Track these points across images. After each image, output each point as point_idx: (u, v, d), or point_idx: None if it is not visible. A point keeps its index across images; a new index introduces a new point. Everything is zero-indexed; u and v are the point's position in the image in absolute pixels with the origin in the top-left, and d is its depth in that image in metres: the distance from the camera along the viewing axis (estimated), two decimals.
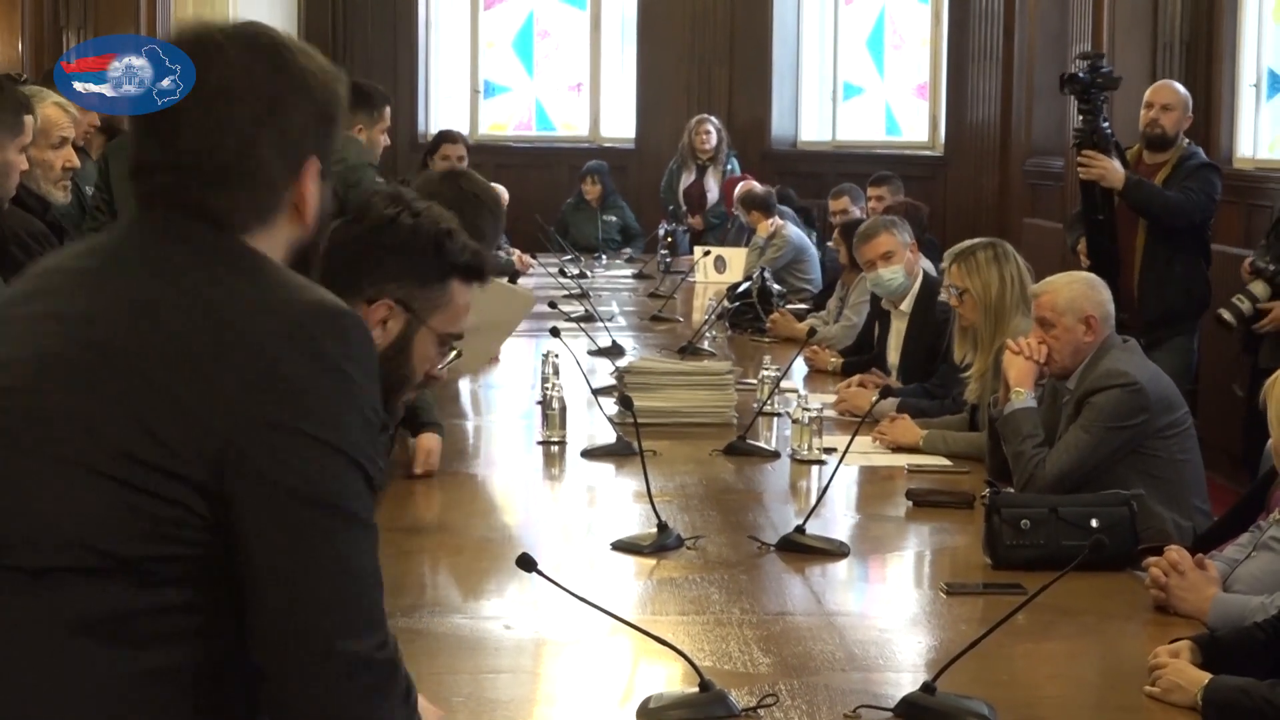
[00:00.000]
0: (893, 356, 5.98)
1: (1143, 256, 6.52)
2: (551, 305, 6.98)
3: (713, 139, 11.44)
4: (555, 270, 9.10)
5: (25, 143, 3.94)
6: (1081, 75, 6.50)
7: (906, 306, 5.96)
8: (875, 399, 4.77)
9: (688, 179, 11.51)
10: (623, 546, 3.63)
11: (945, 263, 5.06)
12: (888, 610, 3.36)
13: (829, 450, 4.52)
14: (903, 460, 4.62)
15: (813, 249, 9.21)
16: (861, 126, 12.72)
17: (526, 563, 2.60)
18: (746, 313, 7.51)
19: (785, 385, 5.46)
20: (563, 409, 4.80)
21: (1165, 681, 2.73)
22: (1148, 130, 6.65)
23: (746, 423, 4.86)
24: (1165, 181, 6.51)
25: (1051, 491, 3.93)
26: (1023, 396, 4.25)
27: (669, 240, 10.41)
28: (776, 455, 4.65)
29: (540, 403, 4.96)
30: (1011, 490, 4.03)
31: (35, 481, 1.63)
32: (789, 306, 7.81)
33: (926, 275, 6.03)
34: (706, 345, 6.68)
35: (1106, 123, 6.46)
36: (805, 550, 3.60)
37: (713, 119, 11.64)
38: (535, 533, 3.95)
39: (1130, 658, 2.94)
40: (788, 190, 10.53)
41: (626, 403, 4.14)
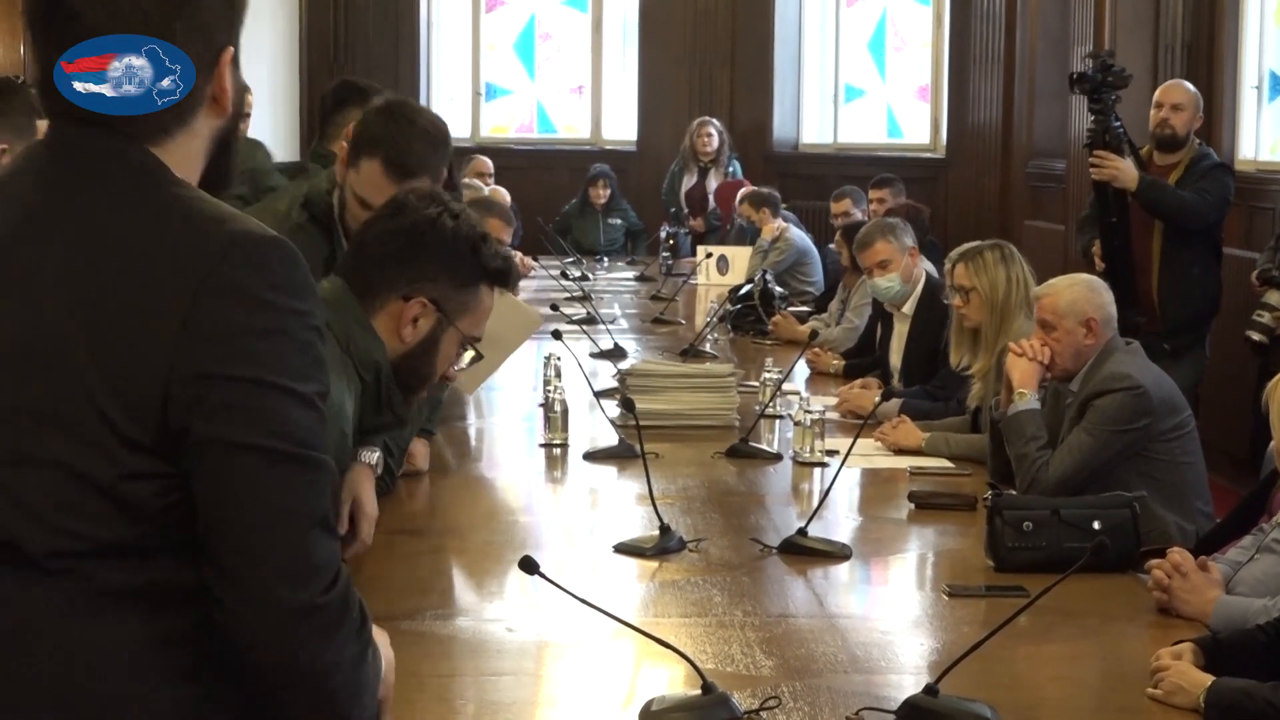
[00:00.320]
0: (895, 359, 5.98)
1: (1160, 259, 6.45)
2: (553, 308, 6.98)
3: (714, 141, 11.45)
4: (557, 273, 9.10)
5: None
6: (1091, 74, 6.39)
7: (909, 309, 5.95)
8: (878, 400, 4.77)
9: (689, 181, 11.51)
10: (625, 549, 3.62)
11: (949, 264, 5.06)
12: (890, 612, 3.36)
13: (831, 452, 4.51)
14: (905, 462, 4.61)
15: (815, 252, 9.22)
16: (863, 129, 12.72)
17: (529, 565, 2.59)
18: (748, 315, 7.50)
19: (787, 388, 5.45)
20: (565, 411, 4.80)
21: (1168, 684, 2.72)
22: (1158, 131, 6.55)
23: (748, 425, 4.86)
24: (1178, 183, 6.42)
25: (1054, 494, 3.93)
26: (1026, 398, 4.24)
27: (670, 243, 10.41)
28: (779, 457, 4.64)
29: (542, 405, 4.95)
30: (1013, 492, 4.03)
31: (14, 485, 1.63)
32: (791, 309, 7.80)
33: (929, 277, 6.02)
34: (708, 347, 6.68)
35: (1119, 122, 6.35)
36: (807, 552, 3.59)
37: (714, 121, 11.64)
38: (537, 535, 3.94)
39: (1132, 660, 2.93)
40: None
41: (628, 405, 4.13)
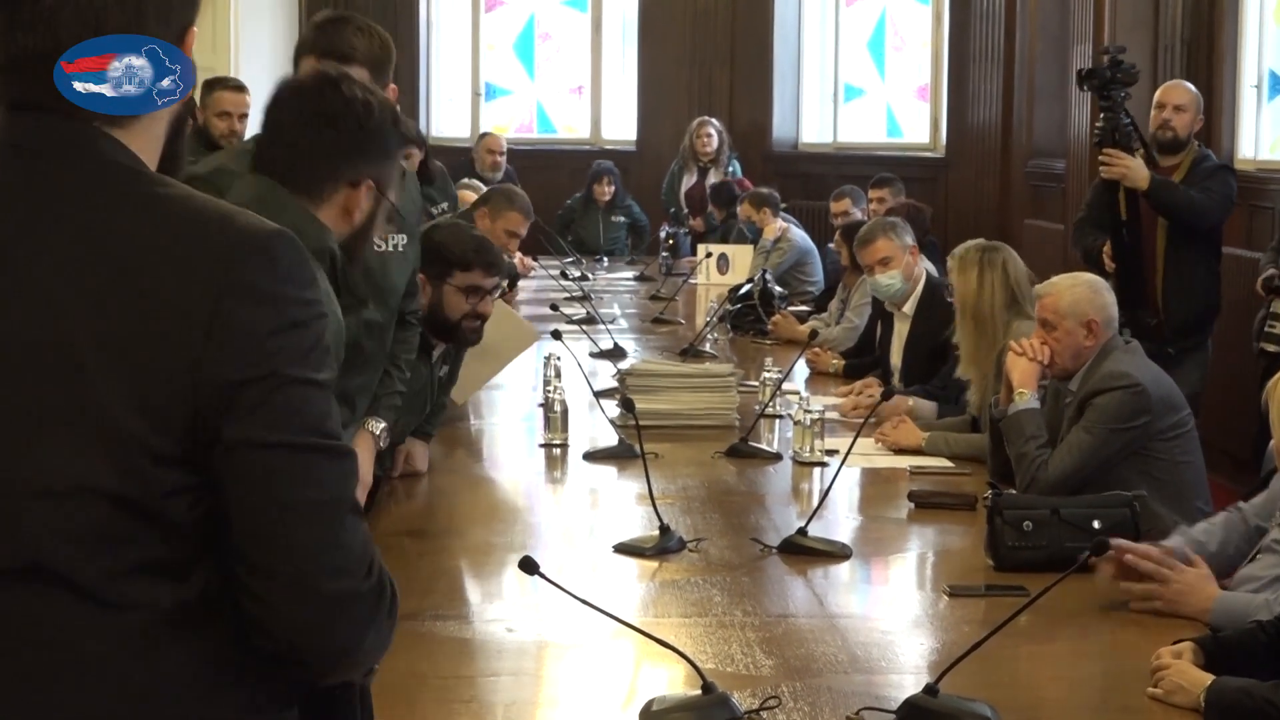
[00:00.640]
0: (895, 358, 5.98)
1: (1165, 260, 6.42)
2: (553, 308, 6.98)
3: (714, 141, 11.45)
4: (557, 273, 9.10)
5: None
6: (1100, 70, 6.29)
7: (909, 308, 5.95)
8: (879, 400, 4.77)
9: (689, 181, 11.51)
10: (625, 549, 3.62)
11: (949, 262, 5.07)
12: (890, 612, 3.36)
13: (831, 452, 4.52)
14: (905, 462, 4.62)
15: (816, 251, 9.22)
16: (862, 128, 12.71)
17: (529, 565, 2.59)
18: (748, 315, 7.50)
19: (787, 387, 5.46)
20: (564, 411, 4.80)
21: (1168, 683, 2.73)
22: (1159, 133, 6.50)
23: (748, 425, 4.86)
24: (1181, 184, 6.38)
25: (1054, 493, 3.93)
26: (1026, 397, 4.24)
27: (670, 242, 10.41)
28: (778, 457, 4.65)
29: (542, 405, 4.96)
30: (1013, 492, 4.03)
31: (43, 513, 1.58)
32: (790, 308, 7.81)
33: (929, 277, 6.02)
34: (708, 347, 6.69)
35: (1129, 119, 6.27)
36: (807, 552, 3.60)
37: (714, 121, 11.64)
38: (537, 535, 3.94)
39: (1132, 659, 2.93)
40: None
41: (628, 405, 4.13)
